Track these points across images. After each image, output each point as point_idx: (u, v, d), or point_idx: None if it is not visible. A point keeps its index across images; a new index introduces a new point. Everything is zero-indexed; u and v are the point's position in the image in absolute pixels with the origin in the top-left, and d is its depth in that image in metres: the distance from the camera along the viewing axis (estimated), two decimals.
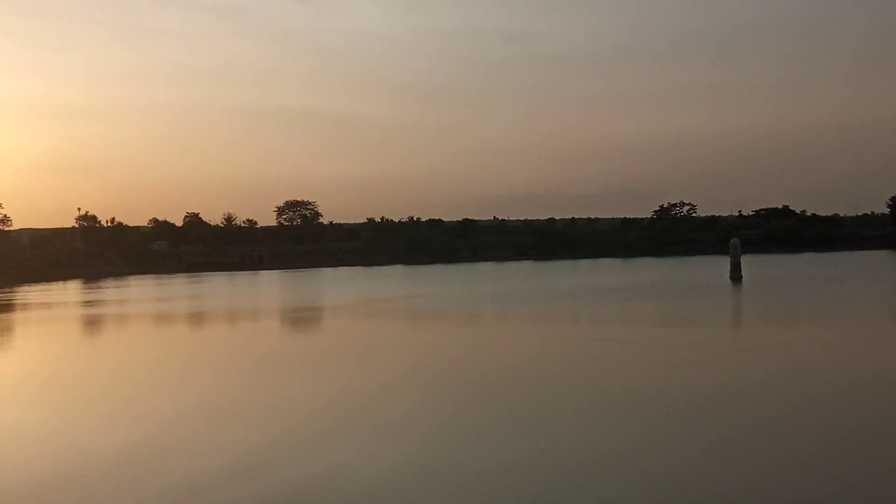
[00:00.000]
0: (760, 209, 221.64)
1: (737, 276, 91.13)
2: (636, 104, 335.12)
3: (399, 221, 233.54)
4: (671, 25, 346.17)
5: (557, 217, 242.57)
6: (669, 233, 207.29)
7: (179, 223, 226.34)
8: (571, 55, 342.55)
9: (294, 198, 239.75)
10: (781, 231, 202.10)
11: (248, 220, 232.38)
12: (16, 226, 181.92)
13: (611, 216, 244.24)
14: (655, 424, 24.47)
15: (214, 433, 25.04)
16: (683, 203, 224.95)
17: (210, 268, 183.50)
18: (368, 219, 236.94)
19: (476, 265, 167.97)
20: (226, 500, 18.54)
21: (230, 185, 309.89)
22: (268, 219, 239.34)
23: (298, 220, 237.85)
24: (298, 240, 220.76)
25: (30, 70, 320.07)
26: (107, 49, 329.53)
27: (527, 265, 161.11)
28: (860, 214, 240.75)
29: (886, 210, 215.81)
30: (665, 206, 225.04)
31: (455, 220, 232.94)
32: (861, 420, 24.49)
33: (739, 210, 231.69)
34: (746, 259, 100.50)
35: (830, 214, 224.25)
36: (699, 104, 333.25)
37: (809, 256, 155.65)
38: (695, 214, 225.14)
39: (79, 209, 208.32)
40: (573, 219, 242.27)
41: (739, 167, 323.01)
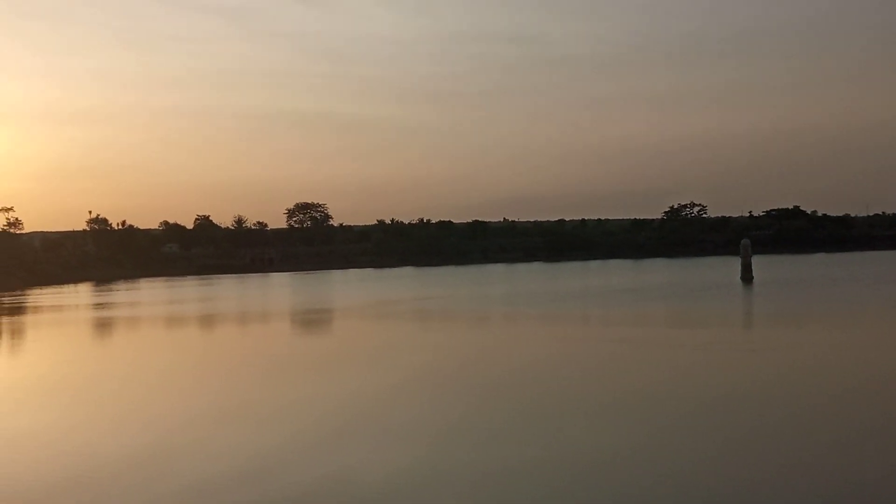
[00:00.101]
0: (771, 210, 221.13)
1: (747, 277, 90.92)
2: (646, 106, 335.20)
3: (409, 223, 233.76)
4: (680, 27, 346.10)
5: (567, 218, 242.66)
6: (680, 234, 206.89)
7: (190, 226, 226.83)
8: (581, 57, 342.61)
9: (304, 200, 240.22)
10: (792, 231, 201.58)
11: (259, 223, 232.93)
12: (27, 229, 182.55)
13: (621, 217, 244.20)
14: (666, 426, 24.43)
15: (225, 435, 25.08)
16: (694, 204, 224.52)
17: (221, 270, 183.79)
18: (378, 221, 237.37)
19: (486, 267, 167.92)
20: (236, 503, 18.60)
21: (240, 188, 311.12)
22: (278, 221, 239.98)
23: (308, 223, 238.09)
24: (309, 242, 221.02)
25: (40, 74, 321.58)
26: (117, 53, 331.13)
27: (537, 266, 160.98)
28: (871, 215, 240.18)
29: None
30: (675, 207, 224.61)
31: (465, 222, 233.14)
32: (871, 421, 24.41)
33: (750, 211, 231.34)
34: (757, 260, 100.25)
35: (841, 215, 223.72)
36: (709, 105, 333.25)
37: (820, 257, 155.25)
38: (705, 215, 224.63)
39: (90, 212, 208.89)
40: (583, 220, 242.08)
41: (750, 168, 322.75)
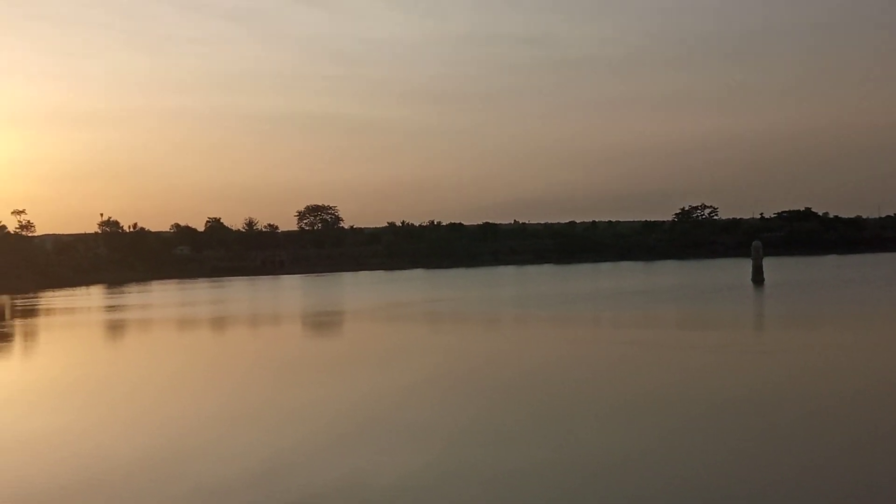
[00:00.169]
0: (782, 211, 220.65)
1: (759, 279, 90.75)
2: (657, 107, 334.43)
3: (420, 225, 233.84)
4: (691, 29, 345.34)
5: (578, 220, 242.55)
6: (691, 235, 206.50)
7: (201, 228, 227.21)
8: (591, 59, 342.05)
9: (315, 202, 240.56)
10: (803, 233, 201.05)
11: (270, 225, 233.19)
12: (39, 232, 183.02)
13: (632, 219, 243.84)
14: (677, 428, 24.46)
15: (238, 438, 25.19)
16: (705, 206, 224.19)
17: (232, 272, 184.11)
18: (389, 223, 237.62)
19: (496, 269, 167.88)
20: (251, 502, 18.73)
21: (251, 191, 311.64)
22: (289, 223, 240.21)
23: (319, 225, 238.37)
24: (319, 244, 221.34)
25: (52, 77, 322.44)
26: (127, 56, 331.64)
27: (547, 268, 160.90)
28: (883, 216, 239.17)
29: None
30: (686, 209, 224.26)
31: (475, 224, 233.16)
32: (883, 424, 24.40)
33: (761, 212, 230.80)
34: (768, 262, 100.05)
35: (853, 216, 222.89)
36: (720, 107, 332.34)
37: (832, 259, 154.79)
38: (716, 217, 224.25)
39: (101, 215, 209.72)
40: (594, 222, 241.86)
41: (761, 169, 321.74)
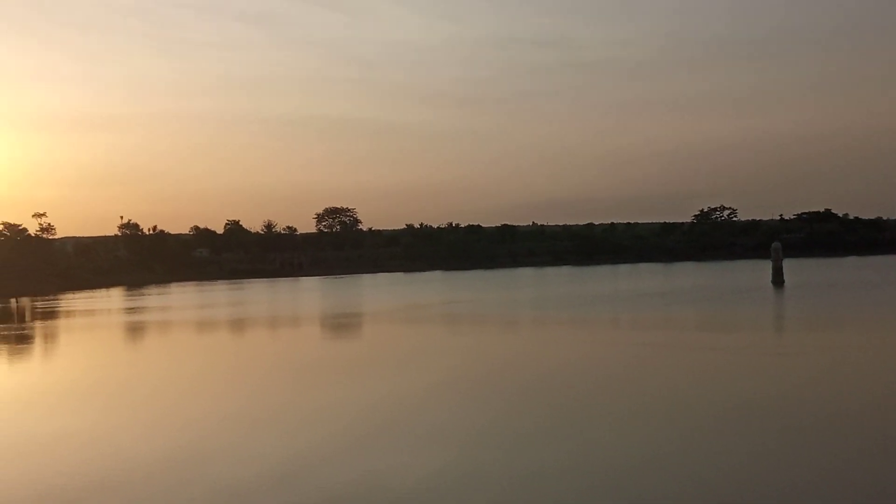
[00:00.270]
0: (802, 213, 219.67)
1: (779, 281, 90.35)
2: (676, 109, 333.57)
3: (438, 227, 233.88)
4: (709, 30, 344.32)
5: (597, 222, 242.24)
6: (710, 237, 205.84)
7: (220, 231, 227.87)
8: (609, 61, 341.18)
9: (333, 205, 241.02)
10: (823, 235, 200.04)
11: (288, 228, 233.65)
12: (60, 234, 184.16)
13: (650, 221, 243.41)
14: (695, 430, 24.38)
15: (257, 439, 25.25)
16: (724, 207, 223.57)
17: (251, 275, 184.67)
18: (407, 225, 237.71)
19: (515, 271, 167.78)
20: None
21: (270, 193, 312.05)
22: (307, 226, 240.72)
23: (338, 227, 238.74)
24: (338, 246, 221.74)
25: (73, 81, 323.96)
26: (148, 60, 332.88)
27: (566, 270, 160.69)
28: None
29: None
30: (705, 211, 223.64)
31: (494, 226, 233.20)
32: None
33: (781, 214, 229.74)
34: (788, 263, 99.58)
35: (873, 218, 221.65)
36: (739, 108, 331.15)
37: (852, 260, 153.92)
38: (735, 218, 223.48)
39: (121, 217, 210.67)
40: (612, 224, 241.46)
41: (780, 171, 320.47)
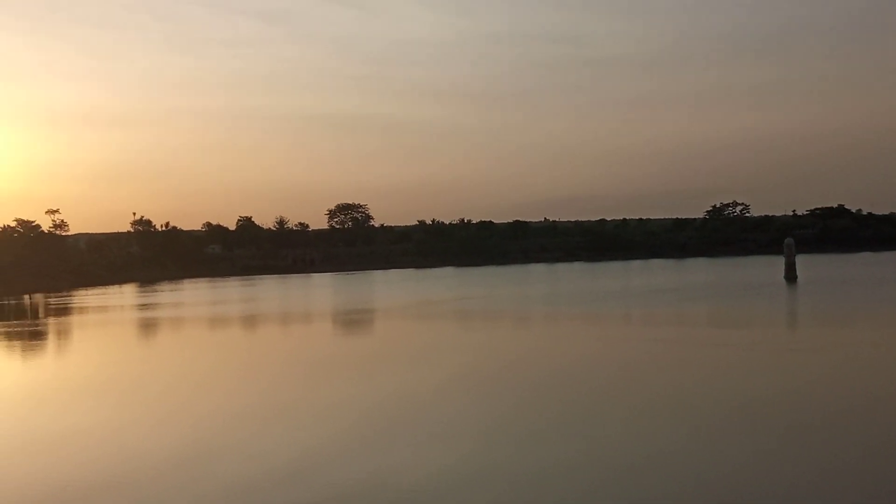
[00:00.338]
0: (815, 208, 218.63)
1: (791, 277, 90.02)
2: (688, 104, 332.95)
3: (450, 224, 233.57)
4: (721, 26, 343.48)
5: (608, 218, 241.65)
6: (722, 233, 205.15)
7: (233, 227, 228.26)
8: (622, 56, 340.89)
9: (345, 201, 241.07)
10: (837, 230, 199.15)
11: (300, 224, 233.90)
12: (73, 231, 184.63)
13: (662, 217, 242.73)
14: (707, 427, 24.32)
15: (268, 436, 25.28)
16: (736, 203, 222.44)
17: (263, 271, 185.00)
18: (419, 221, 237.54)
19: (527, 267, 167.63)
20: (282, 501, 18.76)
21: (282, 190, 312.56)
22: (319, 222, 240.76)
23: (350, 223, 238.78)
24: (350, 242, 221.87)
25: (87, 78, 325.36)
26: (161, 57, 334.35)
27: (578, 266, 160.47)
28: None
29: None
30: (718, 206, 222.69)
31: (506, 222, 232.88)
32: None
33: (793, 209, 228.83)
34: (801, 259, 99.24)
35: (887, 213, 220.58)
36: (751, 103, 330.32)
37: (866, 256, 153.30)
38: (748, 214, 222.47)
39: (134, 214, 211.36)
40: (624, 219, 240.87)
41: (793, 166, 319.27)
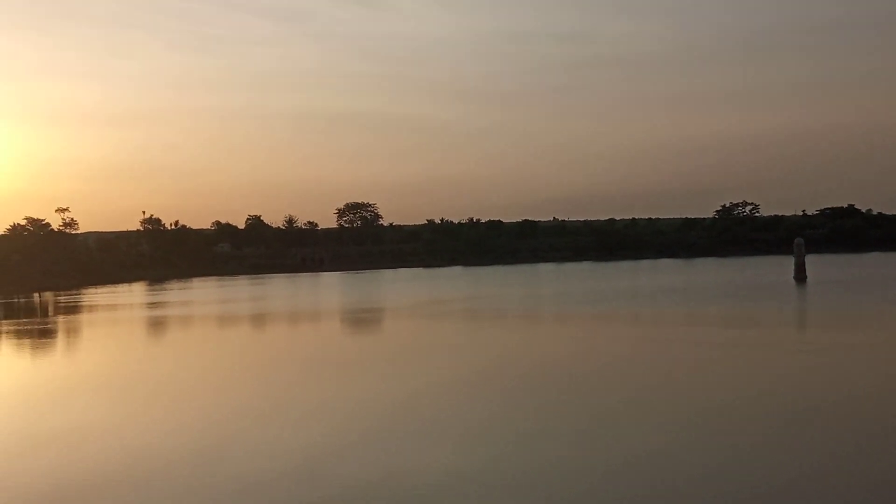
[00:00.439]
0: (825, 208, 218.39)
1: (801, 277, 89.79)
2: (698, 105, 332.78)
3: (459, 223, 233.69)
4: (733, 27, 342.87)
5: (618, 217, 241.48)
6: (732, 233, 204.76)
7: (242, 226, 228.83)
8: (632, 57, 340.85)
9: (354, 200, 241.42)
10: (846, 230, 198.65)
11: (309, 223, 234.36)
12: (82, 229, 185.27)
13: (672, 216, 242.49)
14: (716, 428, 24.29)
15: (277, 434, 25.28)
16: (746, 203, 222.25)
17: (272, 270, 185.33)
18: (428, 220, 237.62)
19: (536, 266, 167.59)
20: (286, 497, 18.79)
21: (291, 188, 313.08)
22: (328, 221, 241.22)
23: (359, 222, 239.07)
24: (359, 242, 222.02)
25: (93, 76, 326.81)
26: (173, 55, 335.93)
27: (587, 266, 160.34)
28: None
29: None
30: (727, 206, 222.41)
31: (515, 221, 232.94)
32: None
33: (803, 209, 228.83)
34: (811, 259, 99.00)
35: None
36: (763, 104, 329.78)
37: (875, 256, 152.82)
38: (758, 214, 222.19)
39: (144, 212, 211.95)
40: (633, 219, 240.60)
41: (803, 166, 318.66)
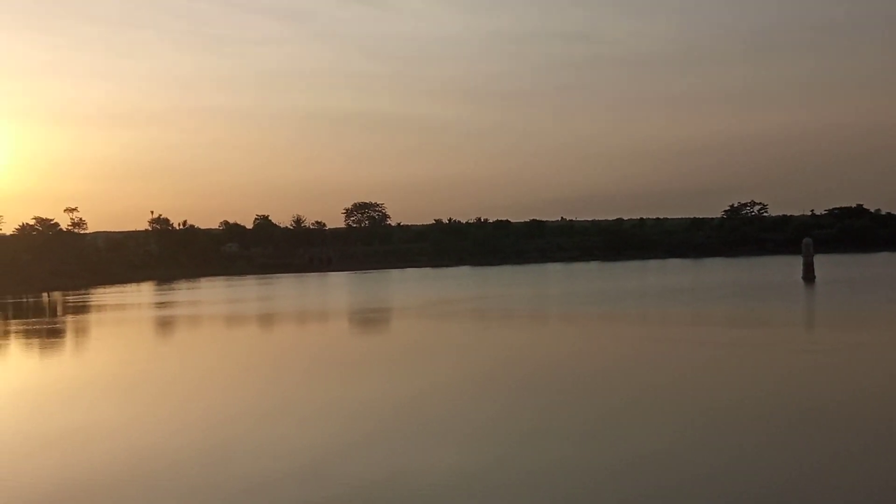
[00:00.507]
0: (833, 208, 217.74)
1: (810, 277, 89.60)
2: (705, 104, 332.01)
3: (467, 223, 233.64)
4: (740, 25, 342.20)
5: (625, 217, 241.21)
6: (740, 232, 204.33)
7: (250, 226, 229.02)
8: (639, 56, 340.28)
9: (362, 200, 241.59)
10: (855, 230, 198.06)
11: (317, 222, 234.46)
12: (91, 229, 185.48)
13: (680, 216, 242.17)
14: (723, 429, 24.27)
15: (284, 432, 25.33)
16: (754, 202, 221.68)
17: (279, 269, 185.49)
18: (436, 220, 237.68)
19: (544, 266, 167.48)
20: (293, 497, 18.82)
21: (299, 188, 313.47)
22: (336, 221, 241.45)
23: (366, 222, 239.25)
24: (366, 241, 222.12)
25: (100, 76, 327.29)
26: (180, 55, 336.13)
27: (594, 266, 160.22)
28: None
29: None
30: (735, 206, 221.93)
31: (523, 221, 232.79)
32: None
33: (812, 209, 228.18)
34: (819, 259, 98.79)
35: None
36: (771, 103, 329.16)
37: (884, 256, 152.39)
38: (766, 214, 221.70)
39: (152, 212, 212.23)
40: (641, 219, 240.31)
41: (812, 166, 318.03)
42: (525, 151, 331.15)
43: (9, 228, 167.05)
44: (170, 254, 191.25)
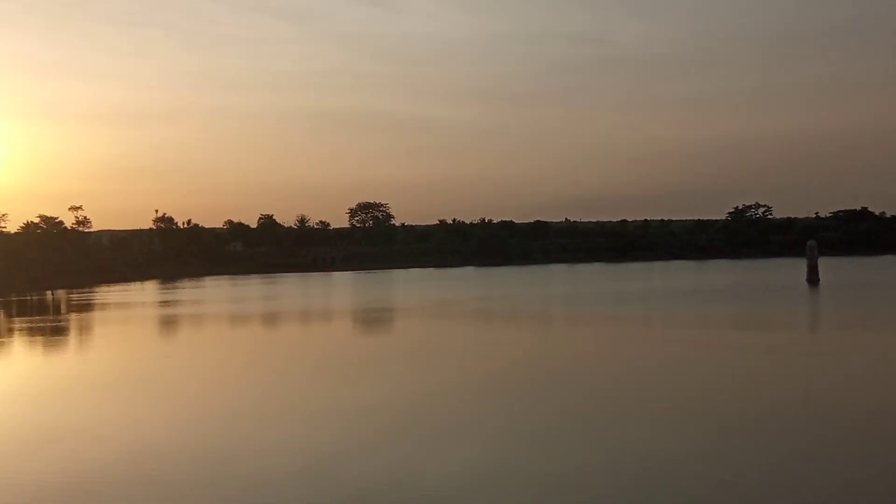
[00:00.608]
0: (838, 211, 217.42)
1: (814, 279, 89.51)
2: (710, 106, 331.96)
3: (471, 223, 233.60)
4: (747, 28, 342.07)
5: (630, 219, 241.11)
6: (744, 234, 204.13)
7: (254, 225, 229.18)
8: (644, 58, 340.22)
9: (366, 200, 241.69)
10: (859, 233, 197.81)
11: (321, 222, 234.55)
12: (95, 227, 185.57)
13: (684, 218, 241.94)
14: (726, 430, 24.23)
15: (288, 431, 25.34)
16: (759, 204, 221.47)
17: (283, 269, 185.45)
18: (440, 220, 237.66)
19: (547, 267, 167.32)
20: (296, 498, 18.82)
21: (303, 188, 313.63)
22: (340, 221, 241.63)
23: (370, 222, 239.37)
24: (371, 241, 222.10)
25: (106, 75, 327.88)
26: (184, 54, 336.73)
27: (598, 267, 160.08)
28: None
29: None
30: (740, 208, 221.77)
31: (527, 222, 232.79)
32: None
33: (816, 212, 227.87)
34: (823, 261, 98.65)
35: None
36: (776, 105, 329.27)
37: (888, 259, 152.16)
38: (770, 216, 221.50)
39: (156, 211, 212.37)
40: (646, 220, 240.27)
41: (816, 168, 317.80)
42: (530, 152, 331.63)
43: (13, 226, 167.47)
44: (174, 253, 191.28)
